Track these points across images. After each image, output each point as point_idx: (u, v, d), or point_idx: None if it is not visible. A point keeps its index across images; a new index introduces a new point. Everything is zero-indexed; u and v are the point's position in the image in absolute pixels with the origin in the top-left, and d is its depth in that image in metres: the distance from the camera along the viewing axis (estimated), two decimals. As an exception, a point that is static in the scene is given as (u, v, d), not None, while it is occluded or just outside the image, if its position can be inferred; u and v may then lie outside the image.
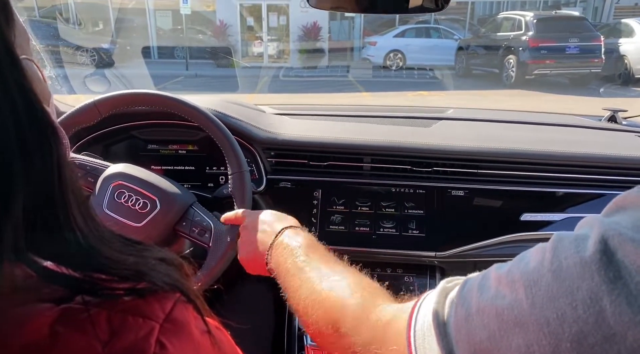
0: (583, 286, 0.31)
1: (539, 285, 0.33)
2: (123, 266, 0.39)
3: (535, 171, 1.16)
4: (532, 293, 0.34)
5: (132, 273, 0.39)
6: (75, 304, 0.37)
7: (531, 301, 0.33)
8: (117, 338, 0.36)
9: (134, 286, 0.39)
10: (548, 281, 0.33)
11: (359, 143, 1.20)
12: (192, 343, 0.40)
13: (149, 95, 1.02)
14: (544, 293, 0.33)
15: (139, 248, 0.44)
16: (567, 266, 0.33)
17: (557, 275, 0.33)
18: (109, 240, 0.41)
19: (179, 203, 0.99)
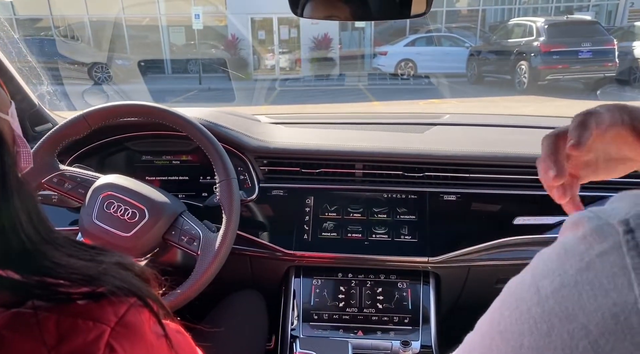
0: (525, 343, 0.29)
1: (491, 349, 0.32)
2: (71, 270, 0.40)
3: (529, 174, 1.14)
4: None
5: (81, 277, 0.40)
6: (27, 308, 0.38)
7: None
8: (65, 342, 0.37)
9: (86, 290, 0.40)
10: (497, 344, 0.31)
11: (350, 150, 1.20)
12: (145, 347, 0.40)
13: (136, 106, 1.03)
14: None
15: (93, 253, 0.44)
16: (509, 324, 0.31)
17: (503, 335, 0.31)
18: (61, 244, 0.42)
19: (167, 212, 1.00)
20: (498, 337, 0.32)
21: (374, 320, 1.12)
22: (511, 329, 0.30)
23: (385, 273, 1.17)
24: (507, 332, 0.31)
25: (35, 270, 0.38)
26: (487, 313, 0.35)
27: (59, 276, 0.38)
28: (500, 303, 0.33)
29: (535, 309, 0.29)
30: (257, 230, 1.20)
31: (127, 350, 0.38)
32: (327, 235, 1.18)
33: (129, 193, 0.99)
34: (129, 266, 0.45)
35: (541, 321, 0.28)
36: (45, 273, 0.38)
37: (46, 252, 0.39)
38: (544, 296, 0.29)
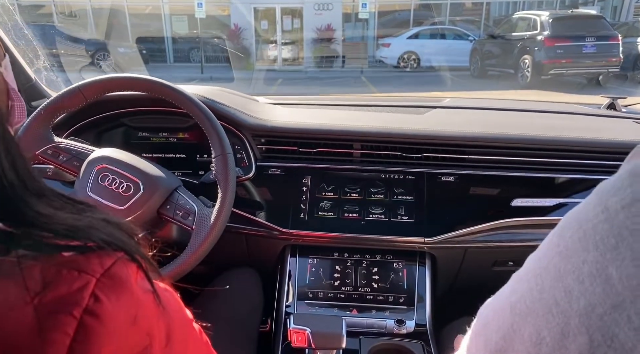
0: (588, 258, 0.29)
1: (547, 269, 0.32)
2: (55, 221, 0.39)
3: (527, 156, 1.13)
4: (541, 278, 0.32)
5: (66, 228, 0.39)
6: (11, 257, 0.37)
7: (540, 287, 0.32)
8: (49, 289, 0.36)
9: (72, 243, 0.39)
10: (555, 263, 0.32)
11: (349, 129, 1.19)
12: (131, 300, 0.40)
13: (132, 79, 1.02)
14: (552, 276, 0.31)
15: (80, 207, 0.44)
16: (571, 243, 0.31)
17: (563, 254, 0.31)
18: (46, 195, 0.41)
19: (162, 186, 0.99)
20: (557, 257, 0.32)
21: (369, 299, 1.11)
22: (573, 247, 0.31)
23: (381, 253, 1.17)
24: (569, 250, 0.31)
25: (17, 219, 0.37)
26: (540, 246, 0.36)
27: (42, 226, 0.38)
28: (559, 229, 0.34)
29: (603, 225, 0.29)
30: (254, 209, 1.20)
31: (112, 301, 0.38)
32: (324, 214, 1.17)
33: (124, 167, 0.98)
34: (116, 223, 0.44)
35: (609, 235, 0.28)
36: (28, 223, 0.37)
37: (29, 201, 0.38)
38: (614, 211, 0.29)
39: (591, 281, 0.28)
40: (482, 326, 0.39)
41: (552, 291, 0.31)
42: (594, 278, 0.28)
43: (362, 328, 1.06)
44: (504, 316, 0.35)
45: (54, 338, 0.35)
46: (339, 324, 0.91)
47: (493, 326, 0.37)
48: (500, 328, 0.36)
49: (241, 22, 14.03)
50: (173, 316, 0.44)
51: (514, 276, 0.38)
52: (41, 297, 0.36)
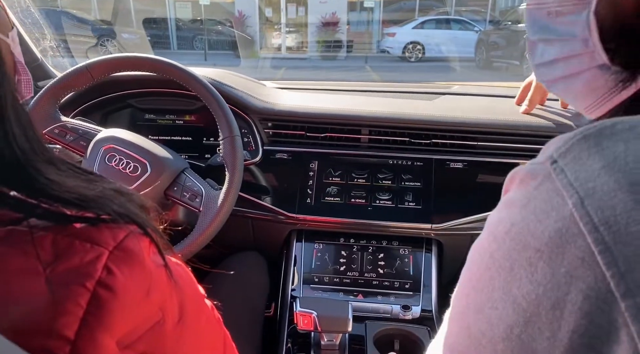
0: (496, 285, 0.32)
1: (468, 306, 0.35)
2: (65, 189, 0.38)
3: (538, 144, 1.12)
4: (466, 316, 0.35)
5: (77, 198, 0.38)
6: (22, 227, 0.37)
7: (467, 324, 0.35)
8: (61, 260, 0.36)
9: (84, 214, 0.39)
10: (473, 298, 0.35)
11: (357, 114, 1.17)
12: (143, 273, 0.39)
13: (140, 59, 1.01)
14: (473, 310, 0.34)
15: (91, 177, 0.43)
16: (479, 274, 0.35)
17: (477, 287, 0.35)
18: (56, 163, 0.41)
19: (170, 167, 0.99)
20: (472, 292, 0.35)
21: (375, 284, 1.11)
22: (482, 278, 0.34)
23: (388, 239, 1.16)
24: (479, 282, 0.34)
25: (28, 187, 0.37)
26: (457, 285, 0.39)
27: (52, 194, 0.37)
28: (468, 264, 0.37)
29: (497, 253, 0.32)
30: (260, 193, 1.19)
31: (125, 274, 0.37)
32: (331, 199, 1.17)
33: (131, 147, 0.98)
34: (128, 194, 0.44)
35: (503, 260, 0.31)
36: (39, 191, 0.37)
37: (40, 168, 0.38)
38: (500, 239, 0.32)
39: (503, 305, 0.31)
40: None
41: (476, 324, 0.33)
42: (504, 302, 0.31)
43: (368, 312, 1.06)
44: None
45: (67, 309, 0.34)
46: (345, 308, 0.91)
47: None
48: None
49: (245, 9, 13.93)
50: (186, 292, 0.44)
51: (446, 317, 0.41)
52: (53, 268, 0.35)
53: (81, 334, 0.34)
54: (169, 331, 0.40)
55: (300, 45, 14.04)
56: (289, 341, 1.02)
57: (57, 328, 0.34)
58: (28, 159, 0.37)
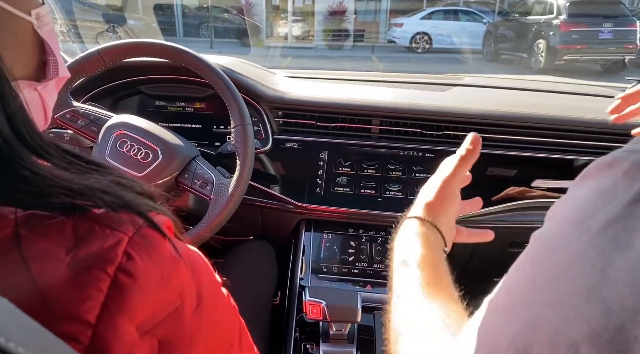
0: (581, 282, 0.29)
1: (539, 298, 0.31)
2: (51, 182, 0.36)
3: (549, 137, 1.11)
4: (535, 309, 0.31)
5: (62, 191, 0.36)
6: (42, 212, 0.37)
7: (535, 317, 0.31)
8: (82, 245, 0.36)
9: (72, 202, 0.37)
10: (548, 289, 0.31)
11: (368, 104, 1.17)
12: (162, 260, 0.39)
13: (152, 44, 1.00)
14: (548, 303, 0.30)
15: (88, 168, 0.41)
16: (562, 265, 0.31)
17: (558, 277, 0.30)
18: (47, 152, 0.38)
19: (181, 155, 0.98)
20: (548, 283, 0.31)
21: (384, 275, 1.11)
22: (565, 269, 0.30)
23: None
24: (562, 273, 0.30)
25: (11, 177, 0.35)
26: (517, 274, 0.35)
27: (37, 186, 0.35)
28: (545, 253, 0.32)
29: (587, 247, 0.29)
30: (270, 182, 1.19)
31: (145, 260, 0.37)
32: (340, 189, 1.16)
33: (143, 133, 0.97)
34: (128, 184, 0.42)
35: (596, 256, 0.28)
36: (22, 182, 0.35)
37: (26, 159, 0.36)
38: (595, 232, 0.28)
39: (589, 305, 0.28)
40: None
41: (550, 318, 0.30)
42: (591, 302, 0.28)
43: (377, 303, 1.06)
44: (501, 352, 0.33)
45: (88, 293, 0.34)
46: (354, 298, 0.91)
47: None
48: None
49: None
50: (203, 279, 0.44)
51: (491, 304, 0.36)
52: (74, 253, 0.35)
53: (102, 319, 0.34)
54: (188, 318, 0.40)
55: (306, 34, 13.95)
56: (297, 330, 1.03)
57: (78, 312, 0.33)
58: (12, 148, 0.35)
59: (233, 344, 0.47)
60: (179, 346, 0.40)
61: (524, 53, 9.76)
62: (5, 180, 0.35)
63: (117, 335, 0.34)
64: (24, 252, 0.34)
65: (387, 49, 12.57)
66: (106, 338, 0.34)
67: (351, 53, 12.30)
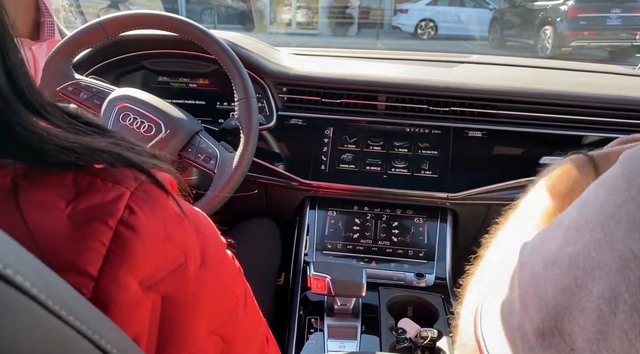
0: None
1: (618, 217, 0.29)
2: (50, 140, 0.35)
3: (558, 113, 1.09)
4: (610, 228, 0.29)
5: (55, 149, 0.35)
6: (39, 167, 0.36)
7: (610, 238, 0.29)
8: (83, 197, 0.35)
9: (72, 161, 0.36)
10: (629, 210, 0.29)
11: (374, 80, 1.15)
12: (165, 214, 0.38)
13: (156, 16, 0.99)
14: (626, 224, 0.28)
15: (86, 128, 0.40)
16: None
17: (638, 201, 0.28)
18: (45, 110, 0.37)
19: (184, 128, 0.97)
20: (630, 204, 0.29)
21: (388, 252, 1.10)
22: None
23: (402, 208, 1.15)
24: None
25: (5, 134, 0.34)
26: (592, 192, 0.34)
27: (31, 144, 0.34)
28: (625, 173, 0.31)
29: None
30: (274, 159, 1.18)
31: (147, 215, 0.36)
32: (345, 166, 1.15)
33: (145, 106, 0.96)
34: (129, 146, 0.41)
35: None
36: (16, 139, 0.34)
37: (23, 118, 0.35)
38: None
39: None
40: (529, 277, 0.36)
41: (627, 241, 0.28)
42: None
43: (381, 279, 1.05)
44: (561, 269, 0.32)
45: (90, 245, 0.33)
46: (359, 273, 0.91)
47: (548, 279, 0.34)
48: (558, 282, 0.33)
49: (256, -17, 13.71)
50: (208, 238, 0.43)
51: (557, 224, 0.35)
52: (75, 205, 0.34)
53: (104, 272, 0.33)
54: (192, 275, 0.39)
55: (310, 20, 13.82)
56: (301, 307, 1.02)
57: (80, 264, 0.33)
58: (7, 103, 0.34)
59: (238, 305, 0.47)
60: (183, 304, 0.39)
61: (530, 39, 9.65)
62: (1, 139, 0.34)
63: (120, 289, 0.34)
64: (20, 202, 0.33)
65: (391, 35, 12.45)
66: (109, 291, 0.33)
67: (355, 39, 12.20)
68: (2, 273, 0.21)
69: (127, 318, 0.34)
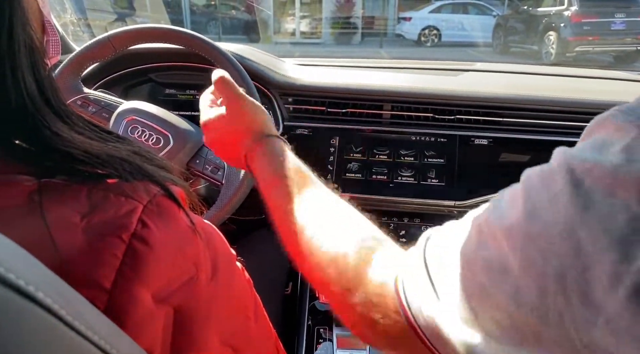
0: (559, 221, 0.30)
1: (517, 230, 0.33)
2: (72, 145, 0.37)
3: (563, 120, 1.09)
4: (513, 239, 0.33)
5: (82, 154, 0.37)
6: (57, 179, 0.36)
7: (512, 247, 0.33)
8: (97, 212, 0.35)
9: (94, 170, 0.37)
10: (524, 226, 0.32)
11: (379, 89, 1.16)
12: (177, 228, 0.39)
13: (163, 30, 1.00)
14: (524, 238, 0.32)
15: (107, 136, 0.42)
16: (540, 205, 0.32)
17: (532, 216, 0.32)
18: (69, 118, 0.39)
19: (192, 140, 0.98)
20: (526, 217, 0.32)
21: (397, 261, 1.10)
22: (541, 207, 0.32)
23: (409, 216, 1.15)
24: (537, 211, 0.32)
25: (33, 137, 0.36)
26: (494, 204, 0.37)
27: (58, 148, 0.36)
28: (524, 190, 0.34)
29: (570, 188, 0.30)
30: (281, 169, 1.18)
31: (160, 228, 0.37)
32: (352, 175, 1.15)
33: (153, 119, 0.97)
34: (147, 155, 0.43)
35: (577, 197, 0.30)
36: (43, 142, 0.36)
37: (50, 121, 0.36)
38: (580, 174, 0.30)
39: (562, 244, 0.29)
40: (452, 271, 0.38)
41: (525, 253, 0.32)
42: (565, 240, 0.29)
43: None
44: (477, 270, 0.36)
45: (103, 259, 0.34)
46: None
47: (467, 275, 0.37)
48: (475, 281, 0.36)
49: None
50: (218, 250, 0.44)
51: (474, 223, 0.38)
52: (89, 219, 0.35)
53: (118, 285, 0.34)
54: (203, 287, 0.40)
55: (314, 30, 13.91)
56: (309, 317, 1.02)
57: (94, 277, 0.33)
58: (38, 109, 0.36)
59: (248, 316, 0.47)
60: (195, 316, 0.39)
61: (534, 45, 9.66)
62: (27, 139, 0.36)
63: (133, 301, 0.34)
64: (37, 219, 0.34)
65: (395, 43, 12.52)
66: (122, 304, 0.34)
67: (359, 48, 12.27)
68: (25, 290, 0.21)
69: (141, 330, 0.34)
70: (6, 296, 0.20)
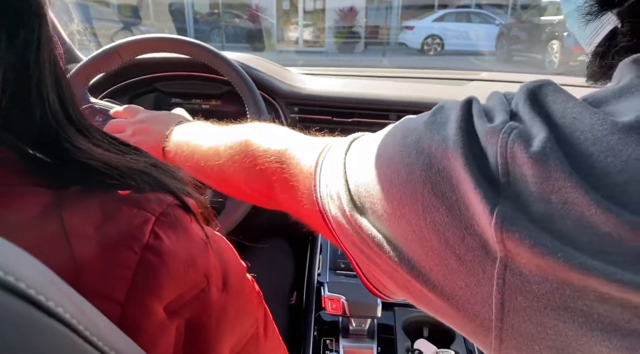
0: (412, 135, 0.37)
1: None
2: (92, 157, 0.38)
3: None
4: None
5: (102, 166, 0.38)
6: (71, 191, 0.36)
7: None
8: (109, 222, 0.35)
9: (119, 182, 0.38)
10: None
11: (385, 98, 1.15)
12: (189, 239, 0.38)
13: (170, 40, 1.01)
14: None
15: (125, 148, 0.42)
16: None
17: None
18: (89, 131, 0.40)
19: None
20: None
21: (403, 272, 1.09)
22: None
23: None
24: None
25: (54, 150, 0.36)
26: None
27: (78, 160, 0.37)
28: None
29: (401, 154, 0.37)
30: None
31: (172, 240, 0.36)
32: None
33: None
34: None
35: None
36: (64, 155, 0.36)
37: (70, 134, 0.37)
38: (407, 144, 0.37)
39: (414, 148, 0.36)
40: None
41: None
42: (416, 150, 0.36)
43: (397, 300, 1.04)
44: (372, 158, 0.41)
45: (116, 271, 0.34)
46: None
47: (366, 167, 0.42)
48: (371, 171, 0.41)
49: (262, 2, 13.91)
50: (229, 262, 0.43)
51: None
52: (102, 231, 0.35)
53: (130, 298, 0.33)
54: (214, 299, 0.39)
55: (317, 38, 13.98)
56: (315, 328, 1.01)
57: (107, 290, 0.33)
58: (60, 124, 0.37)
59: (259, 329, 0.47)
60: (206, 328, 0.39)
61: (538, 54, 9.69)
62: (48, 152, 0.36)
63: (146, 314, 0.34)
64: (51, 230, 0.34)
65: (398, 52, 12.56)
66: (135, 316, 0.33)
67: (362, 57, 12.31)
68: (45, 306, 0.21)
69: (153, 343, 0.34)
70: (29, 313, 0.20)
